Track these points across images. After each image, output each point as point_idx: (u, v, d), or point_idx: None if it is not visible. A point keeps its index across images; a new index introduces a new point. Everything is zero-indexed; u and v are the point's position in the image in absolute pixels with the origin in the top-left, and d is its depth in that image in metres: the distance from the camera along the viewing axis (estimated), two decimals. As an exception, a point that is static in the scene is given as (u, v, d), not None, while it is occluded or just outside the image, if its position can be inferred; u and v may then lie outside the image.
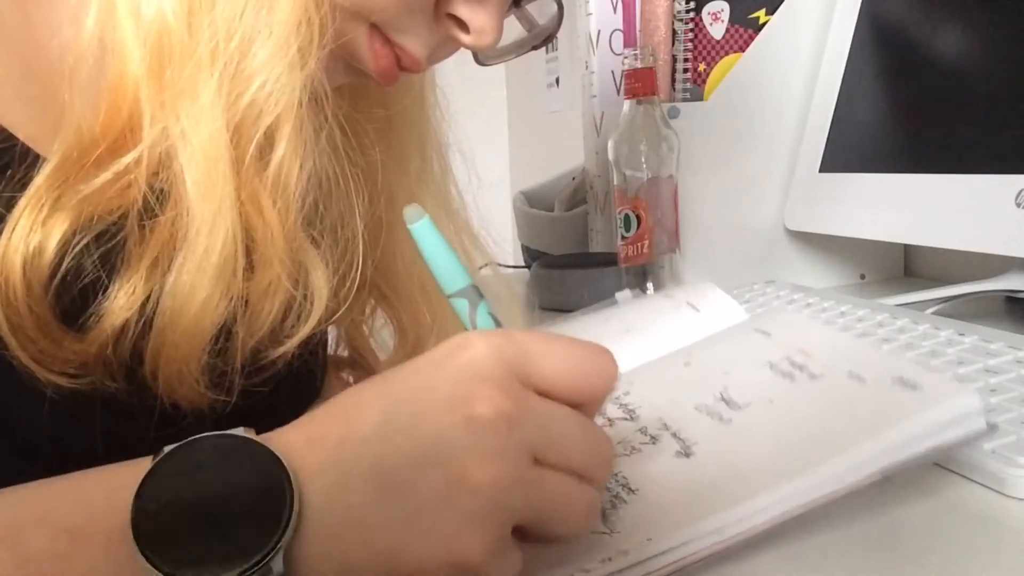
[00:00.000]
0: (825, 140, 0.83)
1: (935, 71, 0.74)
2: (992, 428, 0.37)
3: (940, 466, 0.42)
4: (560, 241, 1.08)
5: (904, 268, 0.96)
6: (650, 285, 0.83)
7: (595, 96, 1.01)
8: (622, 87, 0.96)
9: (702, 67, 0.91)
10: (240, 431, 0.30)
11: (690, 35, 0.91)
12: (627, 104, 0.83)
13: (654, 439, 0.40)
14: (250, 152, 0.37)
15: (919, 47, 0.77)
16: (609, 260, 0.88)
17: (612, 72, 1.00)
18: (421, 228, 0.35)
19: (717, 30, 0.90)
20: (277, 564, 0.27)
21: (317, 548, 0.28)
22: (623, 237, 0.83)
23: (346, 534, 0.28)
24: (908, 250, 0.96)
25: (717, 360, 0.47)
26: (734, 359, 0.46)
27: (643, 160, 0.82)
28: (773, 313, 0.56)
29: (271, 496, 0.28)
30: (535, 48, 0.55)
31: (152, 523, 0.28)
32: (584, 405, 0.31)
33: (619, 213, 0.83)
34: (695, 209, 0.88)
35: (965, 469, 0.41)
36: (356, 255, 0.45)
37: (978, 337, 0.55)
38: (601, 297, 0.87)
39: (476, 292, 0.36)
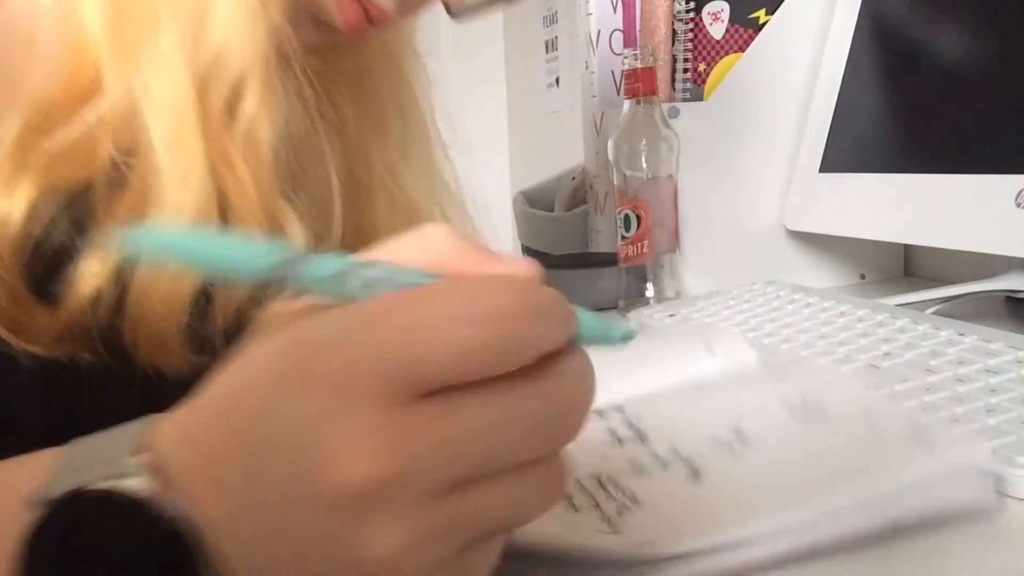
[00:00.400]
0: (825, 140, 0.83)
1: (935, 71, 0.74)
2: (1001, 498, 0.37)
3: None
4: (560, 241, 1.08)
5: (904, 268, 0.96)
6: (650, 286, 0.83)
7: (595, 96, 1.01)
8: (622, 87, 0.95)
9: (702, 67, 0.91)
10: (141, 478, 0.23)
11: (690, 35, 0.91)
12: (627, 104, 0.83)
13: (664, 463, 0.40)
14: (218, 107, 0.36)
15: (919, 47, 0.77)
16: (609, 260, 0.88)
17: (612, 72, 1.00)
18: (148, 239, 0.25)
19: (717, 30, 0.90)
20: None
21: None
22: (623, 237, 0.83)
23: None
24: (908, 250, 0.96)
25: (733, 398, 0.47)
26: (750, 398, 0.46)
27: (643, 160, 0.82)
28: (793, 363, 0.57)
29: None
30: (509, 4, 0.53)
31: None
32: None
33: (619, 213, 0.83)
34: (695, 209, 0.88)
35: (965, 469, 0.41)
36: (333, 214, 0.44)
37: (978, 337, 0.55)
38: (601, 297, 0.87)
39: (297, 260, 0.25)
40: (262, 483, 0.22)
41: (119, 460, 0.23)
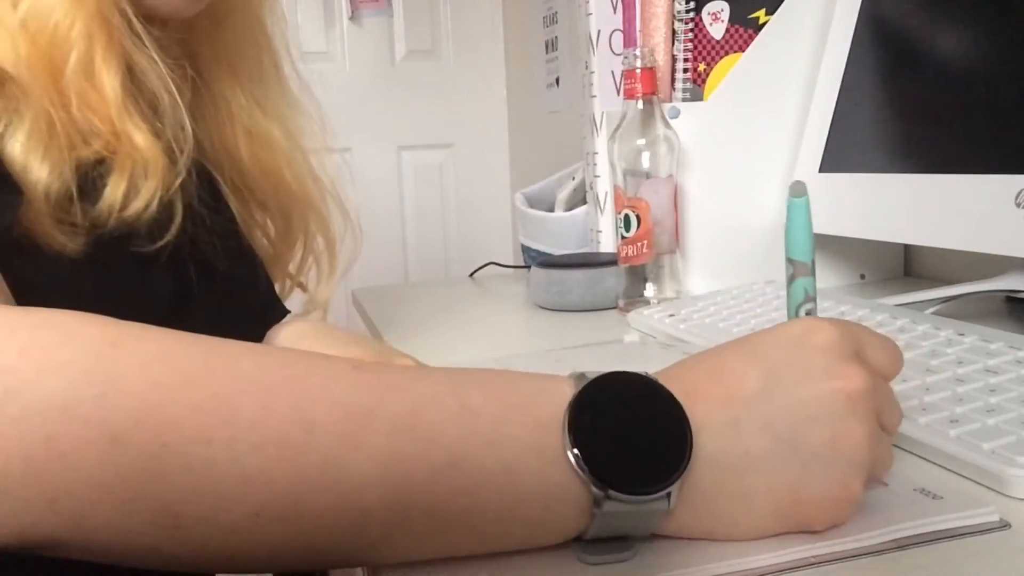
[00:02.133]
0: (825, 140, 0.83)
1: (935, 71, 0.74)
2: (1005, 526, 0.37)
3: (940, 466, 0.42)
4: (560, 241, 1.08)
5: (904, 268, 0.96)
6: (650, 286, 0.83)
7: (595, 96, 1.01)
8: (622, 87, 0.95)
9: (702, 67, 0.91)
10: (646, 374, 0.36)
11: (690, 35, 0.91)
12: (627, 104, 0.83)
13: None
14: (68, 61, 0.48)
15: (919, 47, 0.77)
16: (609, 260, 0.88)
17: (612, 72, 1.00)
18: (797, 203, 0.42)
19: (717, 30, 0.90)
20: (674, 494, 0.33)
21: (711, 481, 0.34)
22: (623, 237, 0.83)
23: (746, 473, 0.34)
24: (908, 250, 0.96)
25: None
26: None
27: (643, 160, 0.82)
28: None
29: (674, 439, 0.33)
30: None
31: (582, 428, 0.33)
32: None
33: (619, 213, 0.83)
34: (695, 209, 0.88)
35: (965, 469, 0.41)
36: (186, 133, 0.54)
37: (978, 337, 0.55)
38: (601, 297, 0.87)
39: (807, 270, 0.43)
40: (784, 371, 0.35)
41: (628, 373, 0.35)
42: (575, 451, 0.32)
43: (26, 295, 0.42)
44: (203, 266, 0.57)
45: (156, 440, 0.30)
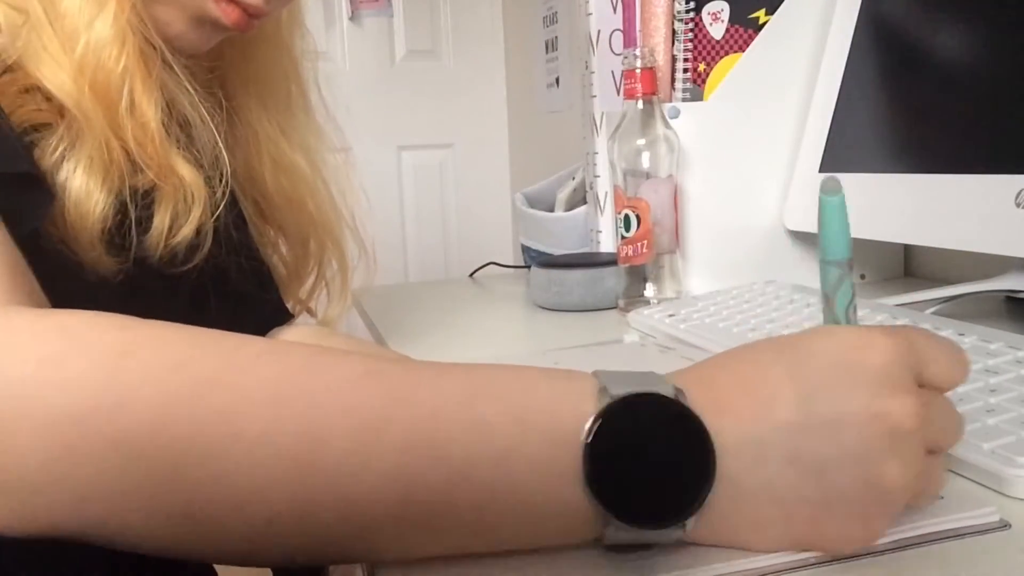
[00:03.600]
0: (825, 140, 0.83)
1: (935, 71, 0.74)
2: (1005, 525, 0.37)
3: (940, 466, 0.42)
4: (560, 241, 1.08)
5: (904, 268, 0.96)
6: (650, 286, 0.83)
7: (595, 96, 1.01)
8: (622, 87, 0.95)
9: (702, 67, 0.91)
10: (672, 391, 0.33)
11: (690, 35, 0.91)
12: (627, 104, 0.83)
13: None
14: (115, 97, 0.50)
15: (919, 47, 0.77)
16: (609, 260, 0.88)
17: (612, 72, 1.00)
18: (831, 202, 0.40)
19: (717, 30, 0.90)
20: (690, 524, 0.32)
21: (729, 503, 0.32)
22: (623, 237, 0.83)
23: (760, 507, 0.33)
24: (908, 250, 0.96)
25: None
26: None
27: (643, 160, 0.82)
28: None
29: (697, 466, 0.32)
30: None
31: (599, 454, 0.31)
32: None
33: (619, 213, 0.83)
34: (695, 209, 0.88)
35: (965, 469, 0.41)
36: (221, 163, 0.57)
37: (978, 337, 0.55)
38: (601, 297, 0.87)
39: (848, 268, 0.39)
40: (825, 394, 0.32)
41: (655, 382, 0.33)
42: (590, 477, 0.31)
43: (54, 307, 0.43)
44: (221, 284, 0.59)
45: (169, 451, 0.31)
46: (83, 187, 0.48)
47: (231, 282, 0.61)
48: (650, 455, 0.32)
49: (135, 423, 0.31)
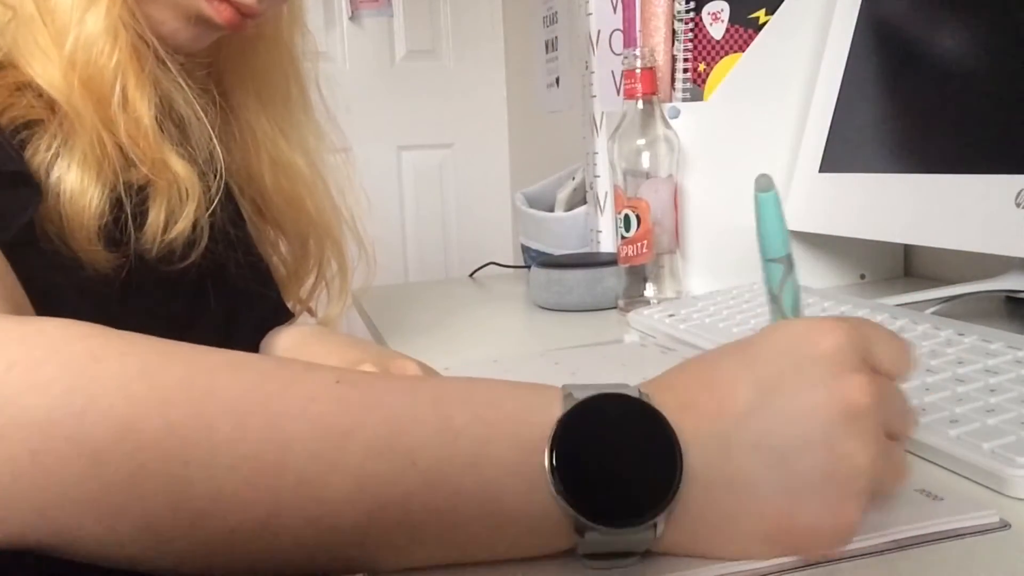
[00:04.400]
0: (825, 140, 0.83)
1: (935, 71, 0.74)
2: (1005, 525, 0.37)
3: (940, 466, 0.42)
4: (560, 241, 1.08)
5: (904, 268, 0.96)
6: (650, 286, 0.83)
7: (595, 96, 1.01)
8: (622, 87, 0.95)
9: (702, 67, 0.91)
10: (635, 392, 0.33)
11: (690, 35, 0.91)
12: (627, 104, 0.83)
13: None
14: (107, 93, 0.50)
15: (919, 47, 0.77)
16: (609, 260, 0.88)
17: (612, 72, 1.00)
18: (766, 198, 0.41)
19: (717, 30, 0.90)
20: (660, 524, 0.32)
21: (699, 500, 0.32)
22: (623, 237, 0.83)
23: (730, 499, 0.32)
24: (908, 250, 0.96)
25: None
26: None
27: (643, 160, 0.82)
28: None
29: (663, 467, 0.32)
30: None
31: (566, 454, 0.31)
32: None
33: (619, 213, 0.83)
34: (695, 209, 0.88)
35: (965, 469, 0.41)
36: (215, 159, 0.57)
37: (978, 337, 0.55)
38: (601, 297, 0.87)
39: (789, 263, 0.40)
40: (744, 408, 0.33)
41: (620, 388, 0.33)
42: (557, 479, 0.31)
43: (51, 304, 0.43)
44: (220, 280, 0.59)
45: (134, 459, 0.30)
46: (77, 183, 0.48)
47: (230, 279, 0.60)
48: (616, 453, 0.32)
49: (101, 429, 0.30)
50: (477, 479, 0.32)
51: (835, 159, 0.82)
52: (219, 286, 0.59)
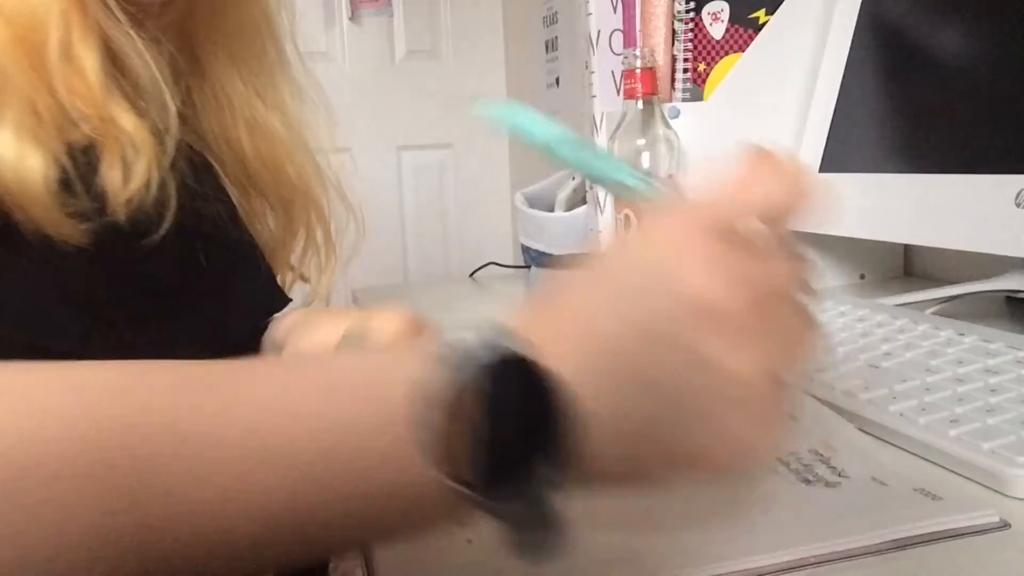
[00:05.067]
0: (825, 140, 0.83)
1: (935, 71, 0.74)
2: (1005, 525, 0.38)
3: (940, 466, 0.42)
4: (560, 241, 1.08)
5: (904, 268, 0.96)
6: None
7: (595, 96, 1.01)
8: (622, 87, 0.95)
9: (702, 67, 0.91)
10: (496, 336, 0.29)
11: (690, 35, 0.91)
12: (627, 104, 0.83)
13: None
14: (48, 43, 0.46)
15: (919, 47, 0.77)
16: (609, 260, 0.88)
17: (612, 72, 1.00)
18: (506, 115, 0.36)
19: (717, 30, 0.90)
20: (561, 478, 0.28)
21: (599, 450, 0.28)
22: (623, 237, 0.83)
23: (632, 437, 0.29)
24: (908, 250, 0.96)
25: None
26: None
27: (643, 160, 0.82)
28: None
29: (537, 404, 0.28)
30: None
31: (431, 424, 0.28)
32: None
33: (619, 213, 0.83)
34: (695, 209, 0.88)
35: (965, 469, 0.41)
36: (169, 115, 0.53)
37: (978, 337, 0.55)
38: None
39: (579, 144, 0.37)
40: (606, 333, 0.29)
41: (498, 336, 0.29)
42: (423, 447, 0.28)
43: (34, 291, 0.42)
44: (205, 256, 0.56)
45: None
46: (15, 151, 0.45)
47: (216, 258, 0.57)
48: (489, 410, 0.28)
49: None
50: (347, 459, 0.29)
51: (835, 159, 0.82)
52: (205, 260, 0.56)
